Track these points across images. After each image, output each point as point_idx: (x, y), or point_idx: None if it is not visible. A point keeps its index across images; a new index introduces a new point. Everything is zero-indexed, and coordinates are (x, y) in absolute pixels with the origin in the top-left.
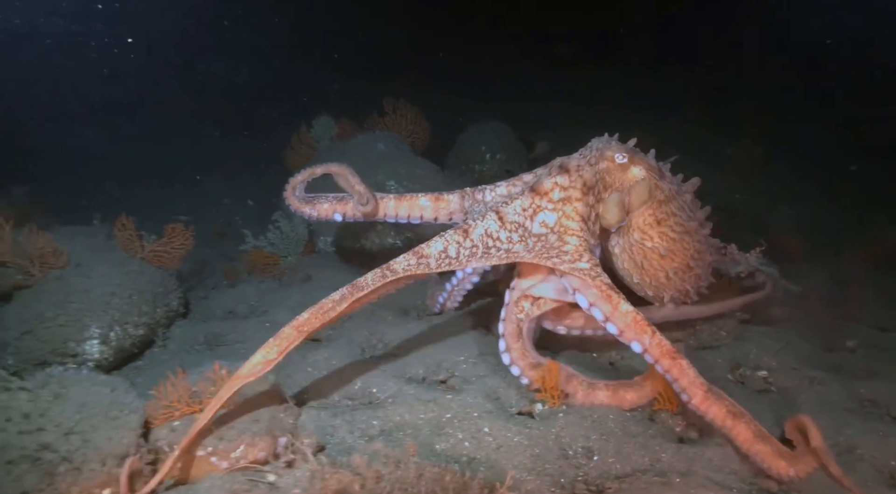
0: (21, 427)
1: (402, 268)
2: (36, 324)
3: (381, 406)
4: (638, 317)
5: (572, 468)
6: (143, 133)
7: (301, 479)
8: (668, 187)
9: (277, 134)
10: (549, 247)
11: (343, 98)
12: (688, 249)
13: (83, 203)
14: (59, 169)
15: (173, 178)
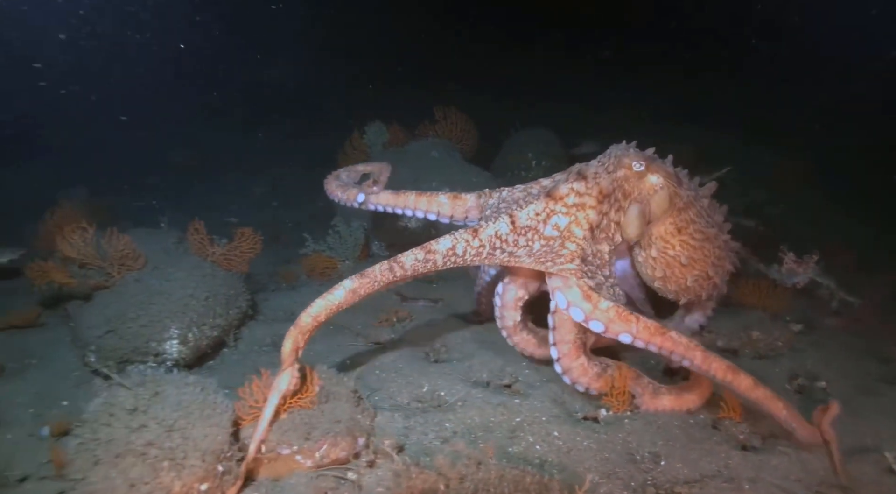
0: (126, 423)
1: (411, 262)
2: (118, 324)
3: (451, 409)
4: (620, 309)
5: (641, 472)
6: (189, 137)
7: (384, 478)
8: (686, 194)
9: (326, 138)
10: (550, 251)
11: (386, 102)
12: (708, 256)
13: (139, 204)
14: (112, 170)
15: (220, 181)
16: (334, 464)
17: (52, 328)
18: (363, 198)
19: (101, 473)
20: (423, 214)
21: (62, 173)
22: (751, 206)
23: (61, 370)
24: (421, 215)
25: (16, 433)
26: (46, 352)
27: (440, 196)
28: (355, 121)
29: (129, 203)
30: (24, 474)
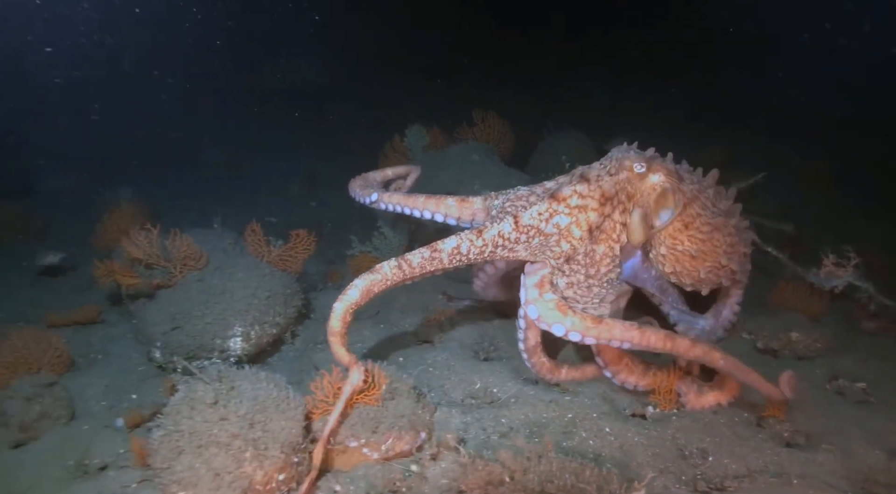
0: (207, 416)
1: (418, 260)
2: (184, 321)
3: (505, 406)
4: (560, 302)
5: (691, 467)
6: (224, 137)
7: (448, 470)
8: (689, 189)
9: (364, 139)
10: (544, 246)
11: (422, 102)
12: (719, 245)
13: (180, 203)
14: (150, 170)
15: (257, 180)
16: (399, 457)
17: (112, 325)
18: (376, 196)
19: (185, 462)
20: (432, 215)
21: (105, 174)
22: (783, 209)
23: (126, 366)
24: (429, 216)
25: (91, 424)
26: (110, 348)
27: (448, 199)
28: (392, 122)
29: (169, 203)
30: (104, 463)
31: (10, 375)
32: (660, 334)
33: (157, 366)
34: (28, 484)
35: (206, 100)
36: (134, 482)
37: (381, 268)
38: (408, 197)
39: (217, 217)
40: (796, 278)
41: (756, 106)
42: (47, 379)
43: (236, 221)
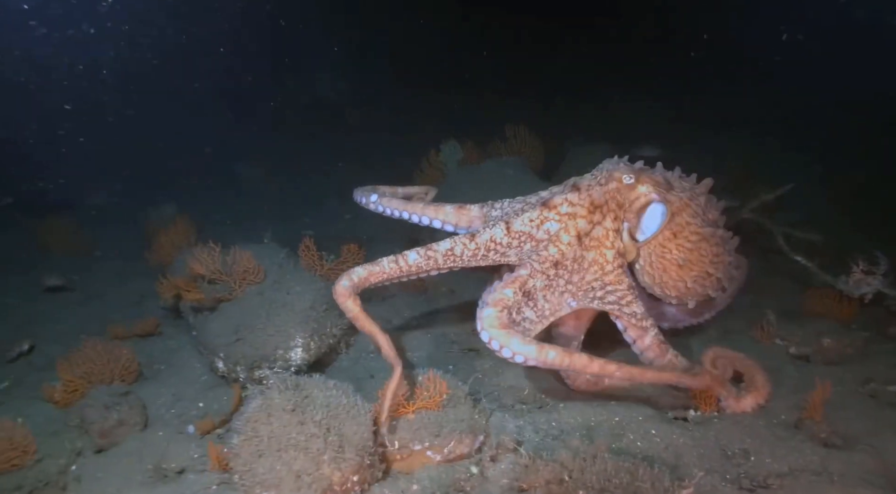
0: (285, 422)
1: (413, 258)
2: (246, 333)
3: (554, 410)
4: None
5: (734, 466)
6: (255, 150)
7: (507, 470)
8: (679, 197)
9: (390, 153)
10: (534, 251)
11: (449, 116)
12: (705, 255)
13: (218, 218)
14: (187, 185)
15: (289, 192)
16: (459, 459)
17: (170, 337)
18: (375, 198)
19: (266, 465)
20: (430, 221)
21: (143, 189)
22: (809, 219)
23: (190, 376)
24: (427, 222)
25: (165, 430)
26: (171, 359)
27: (446, 206)
28: (421, 135)
29: (207, 218)
30: (181, 467)
31: (86, 385)
32: (558, 352)
33: (220, 376)
34: (116, 487)
35: (235, 115)
36: (213, 484)
37: (380, 262)
38: (406, 202)
39: (267, 233)
40: (826, 286)
41: (776, 114)
42: (122, 389)
43: (274, 234)
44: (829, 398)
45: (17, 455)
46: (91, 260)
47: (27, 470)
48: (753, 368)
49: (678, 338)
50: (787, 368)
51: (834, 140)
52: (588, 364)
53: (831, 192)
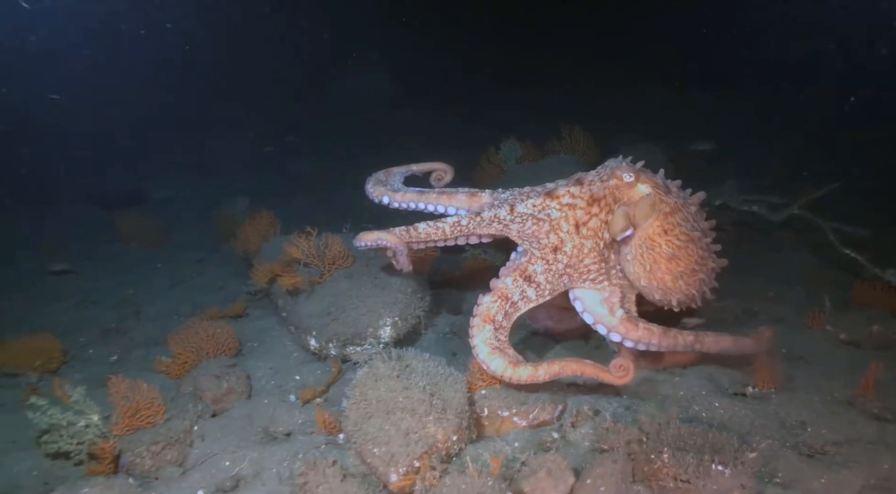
0: (391, 387)
1: (423, 228)
2: (339, 313)
3: (623, 385)
4: (486, 315)
5: (793, 436)
6: (307, 148)
7: (588, 434)
8: (673, 201)
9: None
10: (537, 236)
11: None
12: (692, 255)
13: (282, 210)
14: (247, 179)
15: (343, 188)
16: (542, 425)
17: (257, 319)
18: (387, 199)
19: (375, 425)
20: (445, 208)
21: (209, 184)
22: (853, 216)
23: (282, 352)
24: (442, 210)
25: (269, 399)
26: (263, 337)
27: (459, 194)
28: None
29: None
30: (288, 430)
31: (195, 358)
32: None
33: (312, 352)
34: (235, 445)
35: (289, 111)
36: (321, 444)
37: (393, 230)
38: (420, 194)
39: (347, 223)
40: (875, 278)
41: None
42: (228, 361)
43: (336, 229)
44: (880, 378)
45: (151, 413)
46: (169, 250)
47: (159, 427)
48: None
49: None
50: (839, 352)
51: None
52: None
53: (870, 190)
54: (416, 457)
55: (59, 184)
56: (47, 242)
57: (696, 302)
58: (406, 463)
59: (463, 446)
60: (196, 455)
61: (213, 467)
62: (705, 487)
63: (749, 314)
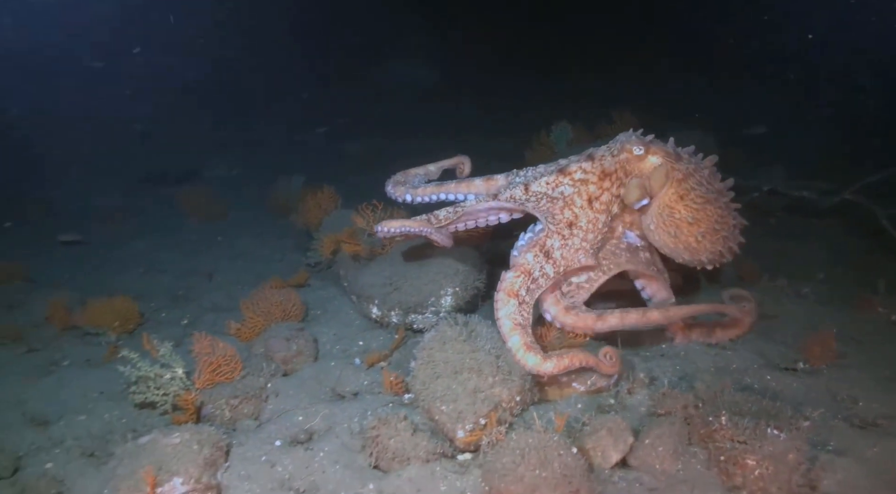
0: (458, 349)
1: (444, 214)
2: (401, 282)
3: (676, 357)
4: (511, 289)
5: (844, 409)
6: (360, 131)
7: (644, 401)
8: (685, 167)
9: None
10: (551, 212)
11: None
12: (711, 216)
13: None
14: (310, 161)
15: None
16: (599, 391)
17: (318, 288)
18: (410, 197)
19: (443, 384)
20: (464, 196)
21: (273, 166)
22: None
23: (345, 319)
24: (462, 198)
25: (335, 362)
26: (325, 306)
27: (476, 180)
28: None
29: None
30: (355, 391)
31: (263, 322)
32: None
33: (374, 320)
34: (307, 402)
35: (338, 98)
36: (388, 403)
37: (416, 218)
38: (439, 186)
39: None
40: None
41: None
42: (297, 325)
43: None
44: None
45: (230, 369)
46: (228, 225)
47: (237, 383)
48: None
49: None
50: (891, 333)
51: None
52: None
53: None
54: (483, 415)
55: (118, 163)
56: (114, 216)
57: (725, 258)
58: (472, 420)
59: (525, 407)
60: (270, 411)
61: (287, 421)
62: (761, 449)
63: (799, 295)
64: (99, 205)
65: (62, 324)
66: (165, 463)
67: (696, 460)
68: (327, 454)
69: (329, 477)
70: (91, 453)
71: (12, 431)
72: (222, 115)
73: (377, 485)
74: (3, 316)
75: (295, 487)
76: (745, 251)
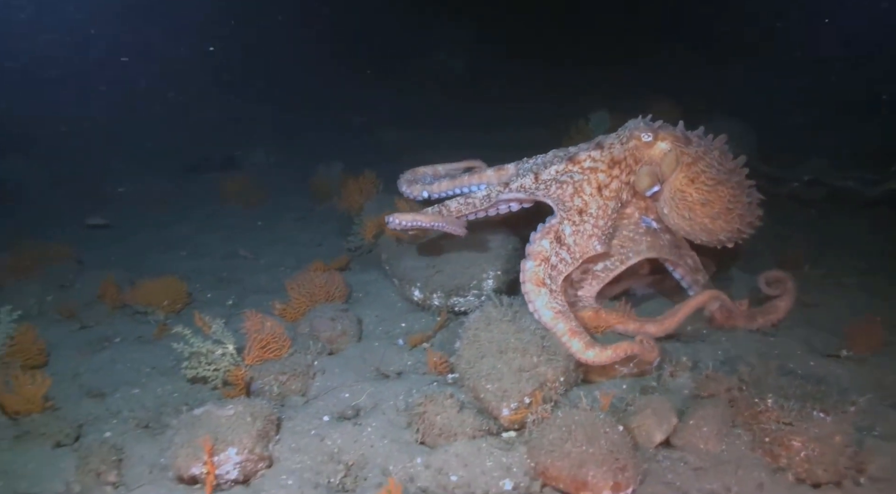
0: (503, 329)
1: (455, 205)
2: (444, 265)
3: (717, 342)
4: (539, 277)
5: (890, 395)
6: (396, 119)
7: (686, 383)
8: (694, 151)
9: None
10: (562, 200)
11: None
12: (723, 196)
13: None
14: (346, 149)
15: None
16: (642, 374)
17: (359, 272)
18: (426, 194)
19: (488, 363)
20: (477, 186)
21: (310, 153)
22: None
23: (387, 302)
24: (475, 189)
25: (379, 342)
26: (367, 288)
27: (487, 171)
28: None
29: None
30: (399, 370)
31: (308, 303)
32: (567, 325)
33: (416, 302)
34: (353, 380)
35: (374, 88)
36: (432, 382)
37: (427, 210)
38: (453, 180)
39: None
40: None
41: None
42: (342, 306)
43: None
44: None
45: (278, 347)
46: (268, 210)
47: (285, 360)
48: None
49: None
50: None
51: None
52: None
53: None
54: (527, 394)
55: (157, 150)
56: (158, 202)
57: (744, 234)
58: (517, 399)
59: (569, 387)
60: (317, 387)
61: (334, 398)
62: (807, 431)
63: (842, 284)
64: (142, 191)
65: (113, 302)
66: (221, 434)
67: (741, 441)
68: (375, 429)
69: (378, 451)
70: (146, 424)
71: (71, 401)
72: (259, 103)
73: (425, 460)
74: (56, 294)
75: (344, 460)
76: (786, 241)
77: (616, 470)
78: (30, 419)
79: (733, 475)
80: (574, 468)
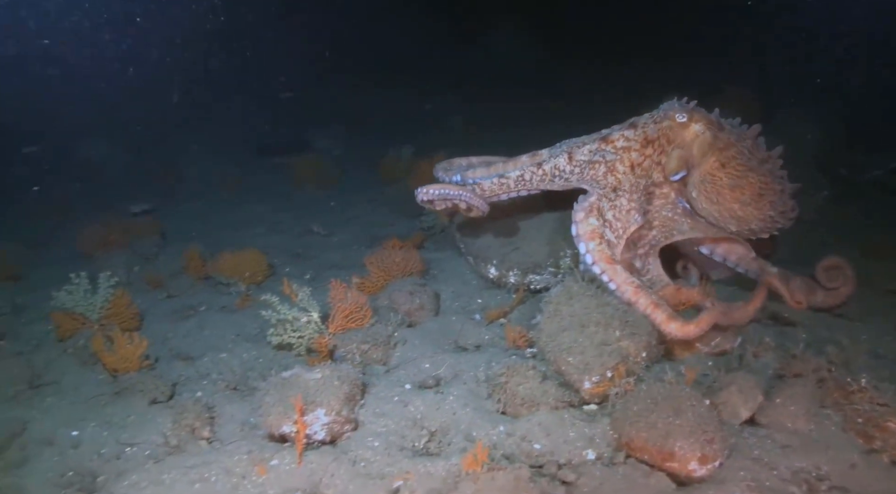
0: (585, 304)
1: (489, 185)
2: (521, 243)
3: (801, 325)
4: (596, 229)
5: None
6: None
7: (770, 363)
8: (727, 137)
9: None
10: (595, 178)
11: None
12: (753, 182)
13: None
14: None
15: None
16: (722, 353)
17: (434, 250)
18: (459, 178)
19: (570, 337)
20: (512, 172)
21: (378, 137)
22: None
23: (462, 278)
24: (511, 174)
25: (456, 317)
26: (442, 266)
27: (522, 157)
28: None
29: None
30: (477, 344)
31: (386, 278)
32: (649, 299)
33: (491, 280)
34: (432, 351)
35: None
36: (510, 356)
37: (463, 189)
38: (488, 168)
39: None
40: None
41: None
42: (419, 280)
43: None
44: None
45: (360, 317)
46: (339, 192)
47: (367, 330)
48: None
49: None
50: None
51: None
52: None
53: None
54: (610, 367)
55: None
56: (234, 182)
57: (779, 224)
58: (599, 372)
59: (651, 363)
60: (398, 357)
61: (415, 368)
62: None
63: None
64: (219, 173)
65: (197, 274)
66: (309, 396)
67: (830, 421)
68: (456, 398)
69: (460, 419)
70: (234, 386)
71: (163, 363)
72: (328, 87)
73: (507, 428)
74: (142, 266)
75: (427, 426)
76: (871, 229)
77: (704, 442)
78: (128, 376)
79: (823, 454)
80: (660, 439)
